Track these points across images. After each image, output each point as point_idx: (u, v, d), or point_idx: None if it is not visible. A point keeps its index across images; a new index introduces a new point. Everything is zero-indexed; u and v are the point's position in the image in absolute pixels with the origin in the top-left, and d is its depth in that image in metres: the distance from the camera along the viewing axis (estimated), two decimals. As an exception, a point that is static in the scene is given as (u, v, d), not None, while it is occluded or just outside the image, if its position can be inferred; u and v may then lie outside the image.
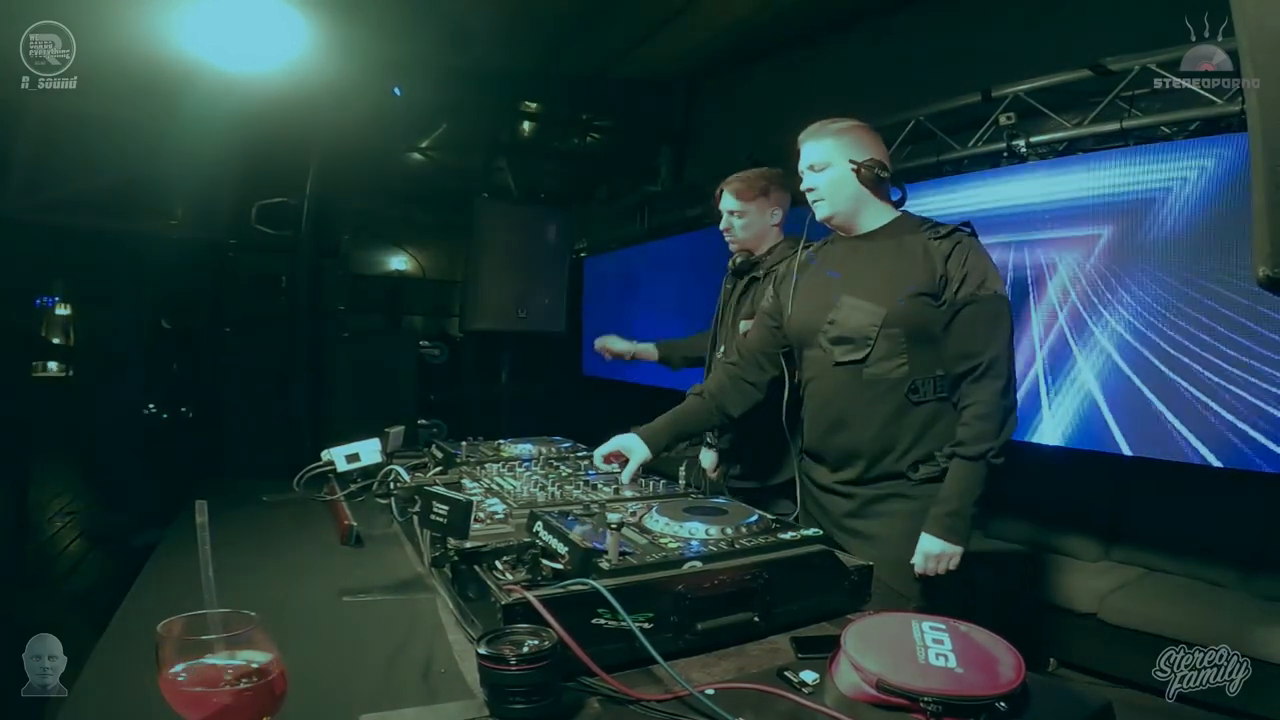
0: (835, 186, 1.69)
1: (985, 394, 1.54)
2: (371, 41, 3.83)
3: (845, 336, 1.64)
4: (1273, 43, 0.81)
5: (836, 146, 1.69)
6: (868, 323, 1.61)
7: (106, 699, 0.90)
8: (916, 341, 1.59)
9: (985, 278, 1.57)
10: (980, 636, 0.94)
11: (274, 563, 1.43)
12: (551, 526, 1.09)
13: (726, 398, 1.83)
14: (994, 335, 1.55)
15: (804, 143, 1.74)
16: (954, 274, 1.57)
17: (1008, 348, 1.57)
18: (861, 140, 1.70)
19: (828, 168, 1.69)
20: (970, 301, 1.55)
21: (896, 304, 1.59)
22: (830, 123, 1.73)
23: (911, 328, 1.59)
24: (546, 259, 5.20)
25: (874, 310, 1.61)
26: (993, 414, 1.54)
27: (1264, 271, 0.86)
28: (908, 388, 1.60)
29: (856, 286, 1.66)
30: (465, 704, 0.89)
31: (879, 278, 1.64)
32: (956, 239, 1.60)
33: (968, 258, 1.57)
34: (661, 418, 1.81)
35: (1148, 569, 3.22)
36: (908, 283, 1.60)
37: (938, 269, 1.58)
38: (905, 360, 1.60)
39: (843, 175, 1.68)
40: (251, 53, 2.90)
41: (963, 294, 1.56)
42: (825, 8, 4.27)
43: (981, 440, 1.54)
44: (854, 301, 1.64)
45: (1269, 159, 0.84)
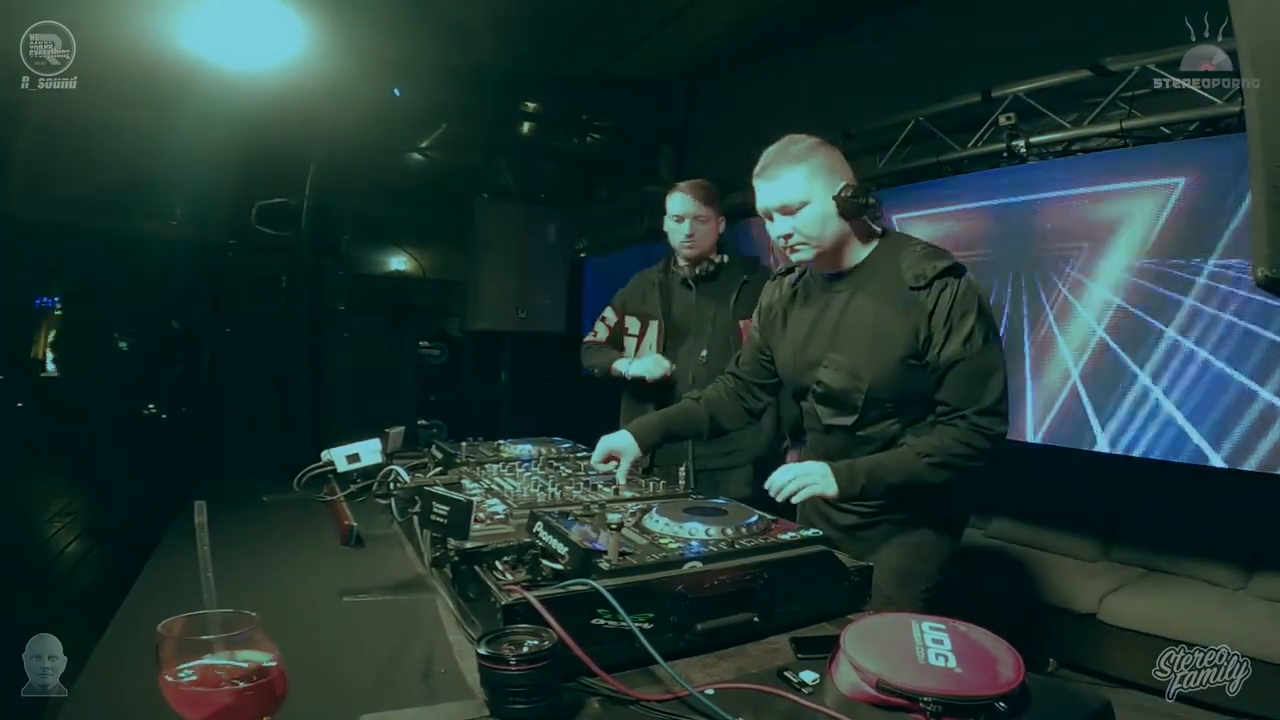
0: (820, 226, 1.49)
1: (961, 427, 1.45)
2: (371, 41, 3.83)
3: (832, 398, 1.56)
4: (1273, 43, 0.81)
5: (806, 178, 1.47)
6: (853, 388, 1.52)
7: (106, 699, 0.90)
8: (907, 403, 1.51)
9: (972, 331, 1.42)
10: (980, 636, 0.94)
11: (274, 563, 1.43)
12: (551, 527, 1.09)
13: (722, 410, 1.80)
14: (984, 390, 1.44)
15: (767, 179, 1.50)
16: (937, 331, 1.44)
17: (1000, 401, 1.46)
18: (830, 164, 1.50)
19: (805, 205, 1.48)
20: (957, 360, 1.43)
21: (881, 371, 1.48)
22: (790, 147, 1.50)
23: (899, 392, 1.50)
24: (546, 259, 5.20)
25: (858, 377, 1.51)
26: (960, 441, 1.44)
27: (1263, 272, 0.86)
28: (901, 441, 1.52)
29: (840, 343, 1.54)
30: (465, 704, 0.89)
31: (862, 336, 1.51)
32: (940, 288, 1.43)
33: (951, 310, 1.43)
34: (653, 415, 1.81)
35: (1147, 569, 3.23)
36: (892, 345, 1.47)
37: (921, 329, 1.44)
38: (895, 420, 1.52)
39: (825, 211, 1.48)
40: (251, 52, 2.90)
41: (948, 353, 1.43)
42: (825, 7, 4.27)
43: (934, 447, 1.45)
44: (839, 360, 1.54)
45: (1268, 159, 0.84)
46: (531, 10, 4.23)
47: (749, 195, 1.59)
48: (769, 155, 1.51)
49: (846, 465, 1.47)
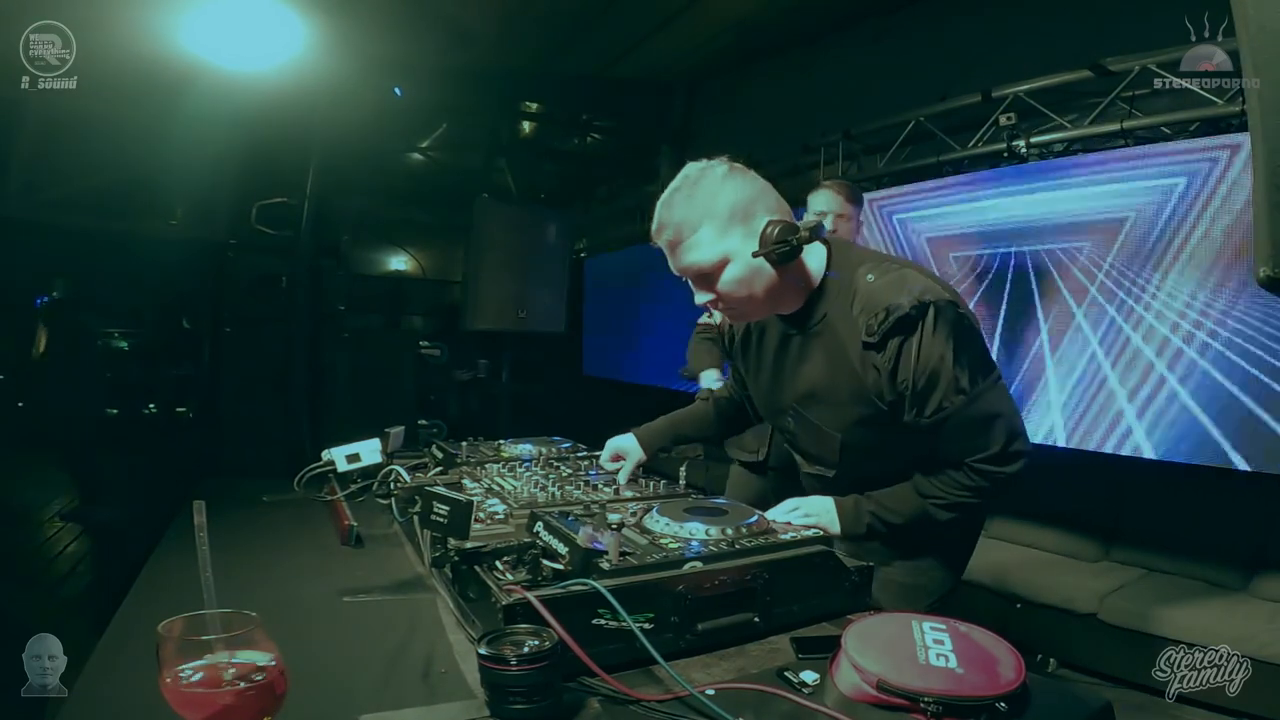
0: (747, 287, 1.23)
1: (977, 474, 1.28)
2: (371, 41, 3.83)
3: (807, 452, 1.46)
4: (1273, 43, 0.80)
5: (720, 231, 1.21)
6: (826, 447, 1.39)
7: (106, 699, 0.90)
8: (885, 453, 1.36)
9: (951, 383, 1.19)
10: (980, 637, 0.94)
11: (274, 563, 1.43)
12: (552, 527, 1.09)
13: (733, 414, 1.76)
14: (989, 437, 1.24)
15: (666, 240, 1.24)
16: (907, 396, 1.21)
17: (1009, 442, 1.25)
18: (743, 200, 1.21)
19: (726, 264, 1.22)
20: (945, 418, 1.22)
21: (850, 432, 1.33)
22: (690, 193, 1.22)
23: (872, 447, 1.35)
24: (546, 259, 5.21)
25: (829, 437, 1.37)
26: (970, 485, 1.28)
27: (1264, 272, 0.86)
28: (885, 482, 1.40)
29: (802, 398, 1.37)
30: (465, 704, 0.89)
31: (823, 395, 1.33)
32: (896, 346, 1.19)
33: (915, 371, 1.18)
34: (663, 418, 1.79)
35: (1148, 569, 3.23)
36: (855, 406, 1.29)
37: (885, 392, 1.23)
38: (876, 465, 1.38)
39: (745, 272, 1.22)
40: (251, 53, 2.91)
41: (930, 415, 1.22)
42: (825, 8, 4.27)
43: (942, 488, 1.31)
44: (805, 417, 1.39)
45: (1269, 159, 0.83)
46: (531, 10, 4.23)
47: None
48: (666, 210, 1.23)
49: (853, 502, 1.38)
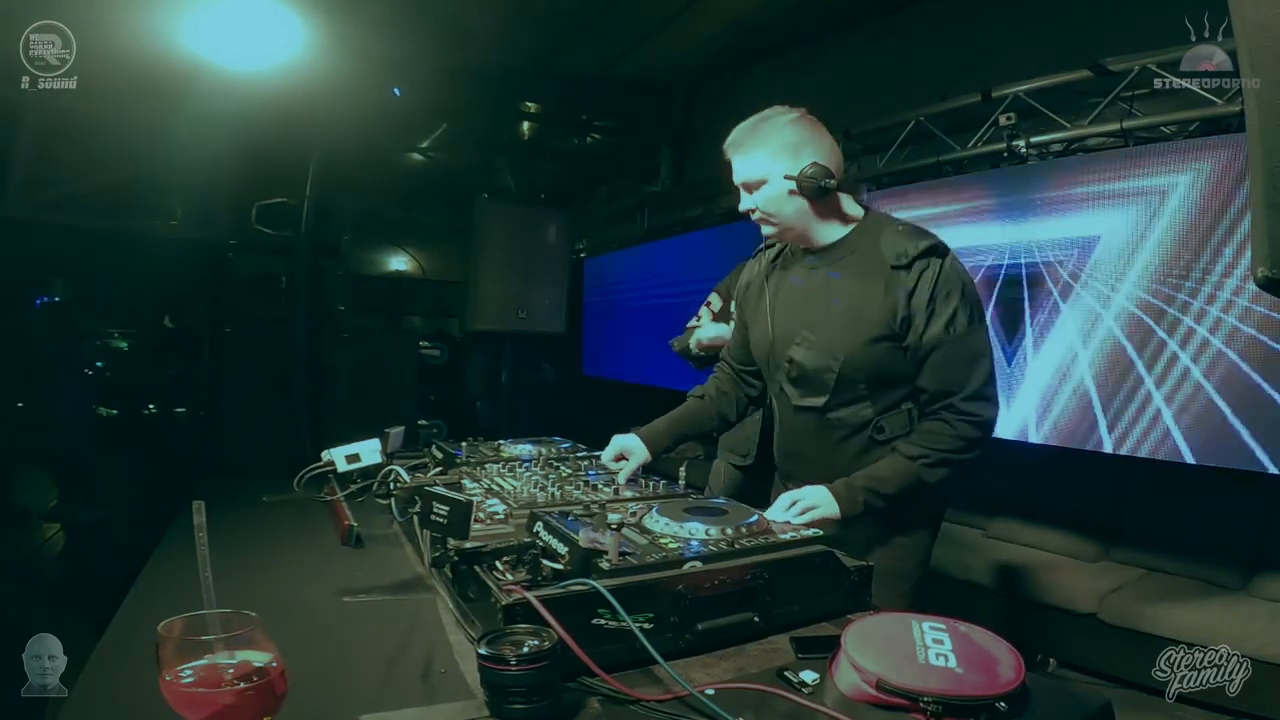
0: (775, 206, 1.48)
1: (948, 418, 1.41)
2: (371, 41, 3.83)
3: (803, 379, 1.53)
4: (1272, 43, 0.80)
5: (767, 158, 1.46)
6: (825, 367, 1.48)
7: (106, 699, 0.90)
8: (881, 385, 1.47)
9: (954, 313, 1.38)
10: (980, 636, 0.94)
11: (274, 563, 1.43)
12: (552, 527, 1.09)
13: (726, 402, 1.80)
14: (968, 376, 1.40)
15: (730, 154, 1.51)
16: (918, 313, 1.39)
17: (986, 386, 1.41)
18: (796, 144, 1.45)
19: (762, 185, 1.47)
20: (938, 345, 1.39)
21: (855, 349, 1.45)
22: (756, 125, 1.48)
23: (873, 373, 1.46)
24: (546, 259, 5.20)
25: (831, 356, 1.47)
26: (950, 435, 1.40)
27: (1262, 272, 0.86)
28: (873, 428, 1.49)
29: (815, 321, 1.51)
30: (465, 704, 0.89)
31: (838, 315, 1.47)
32: (921, 268, 1.39)
33: (934, 291, 1.38)
34: (662, 419, 1.80)
35: (1148, 569, 3.23)
36: (868, 325, 1.43)
37: (899, 309, 1.40)
38: (869, 404, 1.48)
39: (779, 194, 1.47)
40: (251, 53, 2.90)
41: (929, 336, 1.39)
42: (825, 7, 4.27)
43: (925, 446, 1.42)
44: (812, 339, 1.50)
45: (1268, 159, 0.83)
46: (531, 10, 4.23)
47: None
48: (738, 131, 1.50)
49: (844, 484, 1.43)
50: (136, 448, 4.67)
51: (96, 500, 4.30)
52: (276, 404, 4.46)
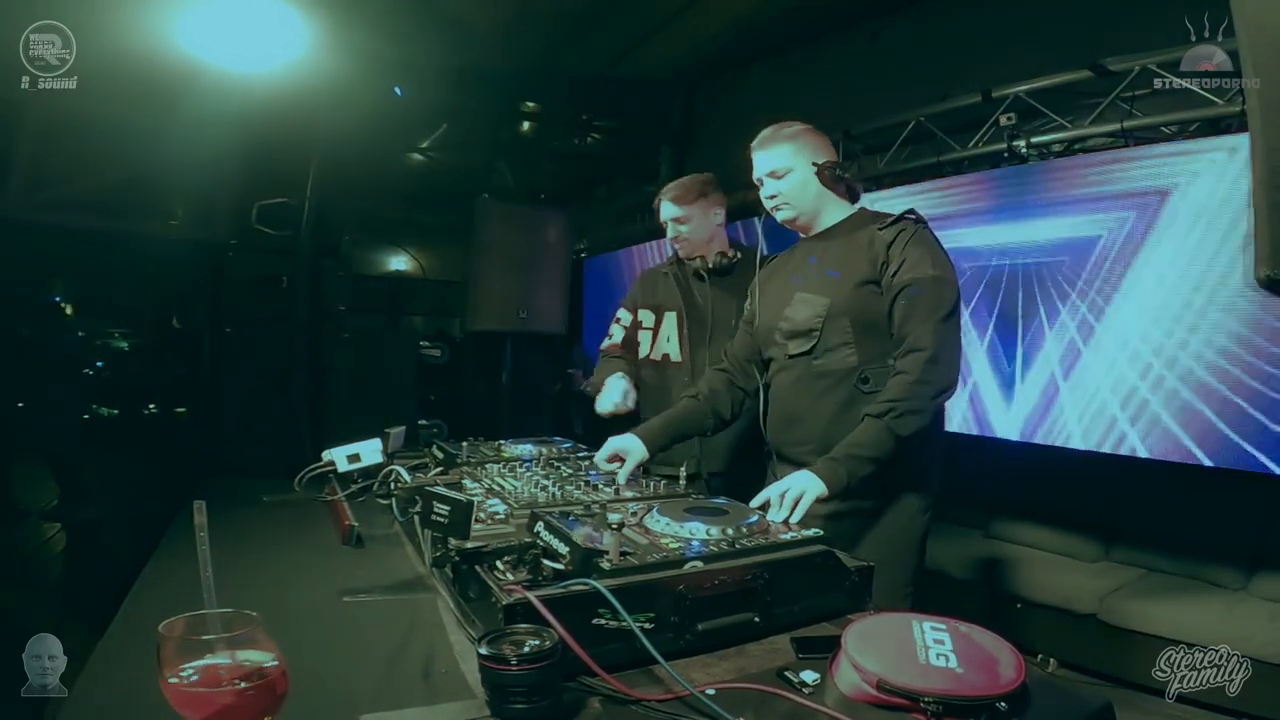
0: (798, 190, 1.74)
1: (908, 363, 1.54)
2: (371, 41, 3.83)
3: (796, 330, 1.70)
4: (1273, 43, 0.80)
5: (795, 151, 1.73)
6: (814, 314, 1.66)
7: (106, 699, 0.90)
8: (864, 330, 1.62)
9: (924, 260, 1.58)
10: (980, 636, 0.94)
11: (274, 563, 1.43)
12: (552, 527, 1.09)
13: (719, 401, 1.86)
14: (930, 316, 1.55)
15: (758, 151, 1.77)
16: (894, 259, 1.60)
17: (943, 328, 1.55)
18: (815, 143, 1.75)
19: (789, 173, 1.73)
20: (908, 284, 1.57)
21: (840, 294, 1.64)
22: (782, 128, 1.76)
23: (857, 316, 1.62)
24: (546, 259, 5.19)
25: (819, 302, 1.67)
26: (910, 382, 1.52)
27: (1264, 272, 0.86)
28: (858, 378, 1.63)
29: (809, 282, 1.72)
30: (466, 704, 0.89)
31: (828, 271, 1.69)
32: (901, 227, 1.63)
33: (909, 244, 1.60)
34: (657, 418, 1.82)
35: (1147, 569, 3.23)
36: (854, 273, 1.64)
37: (879, 256, 1.61)
38: (853, 350, 1.63)
39: (805, 178, 1.73)
40: (251, 53, 2.90)
41: (899, 278, 1.58)
42: (825, 8, 4.27)
43: (888, 400, 1.52)
44: (804, 296, 1.70)
45: (1269, 159, 0.83)
46: (531, 10, 4.23)
47: (748, 194, 1.76)
48: (765, 132, 1.77)
49: (824, 461, 1.50)
50: (137, 448, 4.66)
51: (97, 500, 4.30)
52: (276, 404, 4.45)
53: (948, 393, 1.56)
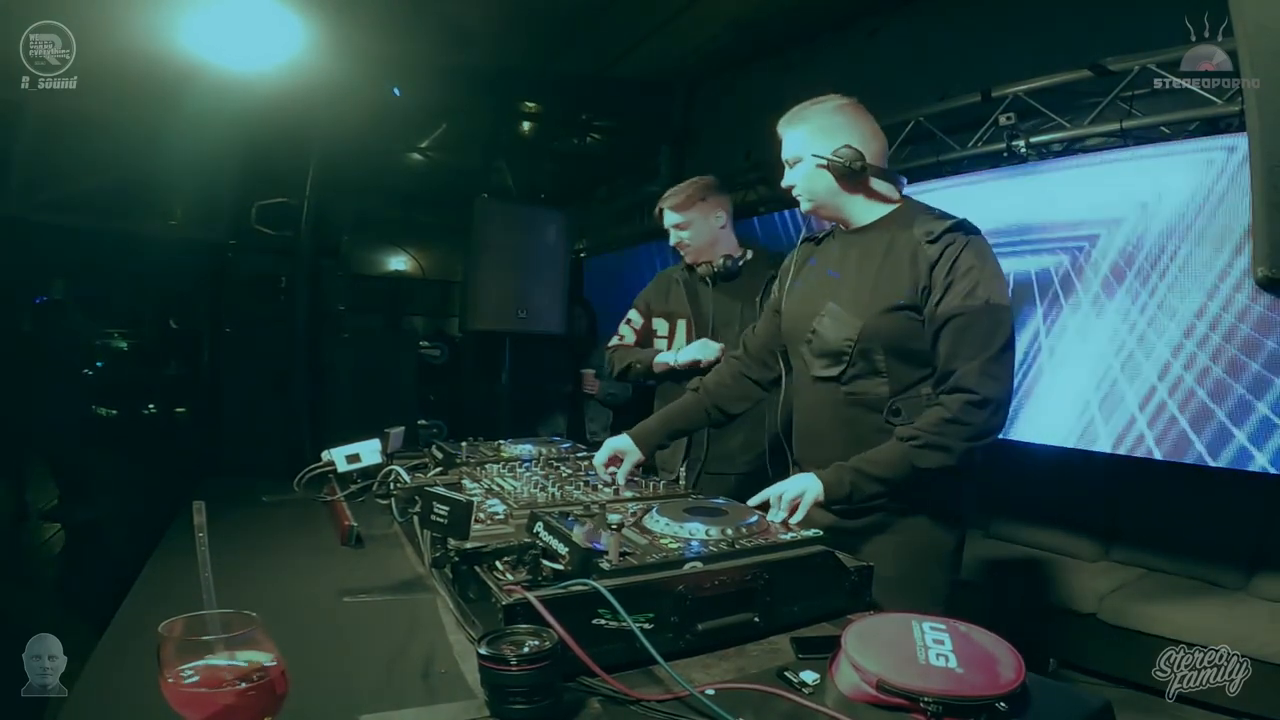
0: (808, 182, 1.56)
1: (950, 401, 1.38)
2: (371, 41, 3.83)
3: (824, 350, 1.54)
4: (1273, 43, 0.81)
5: (803, 137, 1.56)
6: (844, 336, 1.49)
7: (106, 699, 0.90)
8: (897, 359, 1.46)
9: (975, 286, 1.38)
10: (980, 637, 0.94)
11: (274, 563, 1.43)
12: (552, 527, 1.09)
13: (726, 394, 1.77)
14: (979, 353, 1.37)
15: (780, 132, 1.61)
16: (938, 284, 1.40)
17: (993, 368, 1.37)
18: (834, 127, 1.53)
19: (799, 162, 1.57)
20: (955, 314, 1.38)
21: (875, 317, 1.46)
22: (803, 108, 1.58)
23: (890, 344, 1.45)
24: (546, 259, 5.19)
25: (851, 323, 1.49)
26: (945, 419, 1.37)
27: (1262, 272, 0.86)
28: (888, 410, 1.47)
29: (842, 293, 1.54)
30: (465, 704, 0.89)
31: (863, 285, 1.50)
32: (947, 242, 1.42)
33: (955, 264, 1.40)
34: (654, 416, 1.80)
35: (1147, 569, 3.23)
36: (890, 294, 1.45)
37: (922, 279, 1.42)
38: (885, 380, 1.47)
39: (811, 171, 1.55)
40: (251, 53, 2.90)
41: (945, 307, 1.39)
42: (824, 7, 4.27)
43: (917, 428, 1.39)
44: (836, 310, 1.53)
45: (1267, 159, 0.84)
46: (531, 10, 4.23)
47: (748, 194, 1.65)
48: (789, 112, 1.60)
49: (833, 467, 1.42)
50: (136, 448, 4.67)
51: (96, 500, 4.30)
52: (276, 404, 4.45)
53: (988, 438, 1.39)
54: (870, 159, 1.52)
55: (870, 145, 1.54)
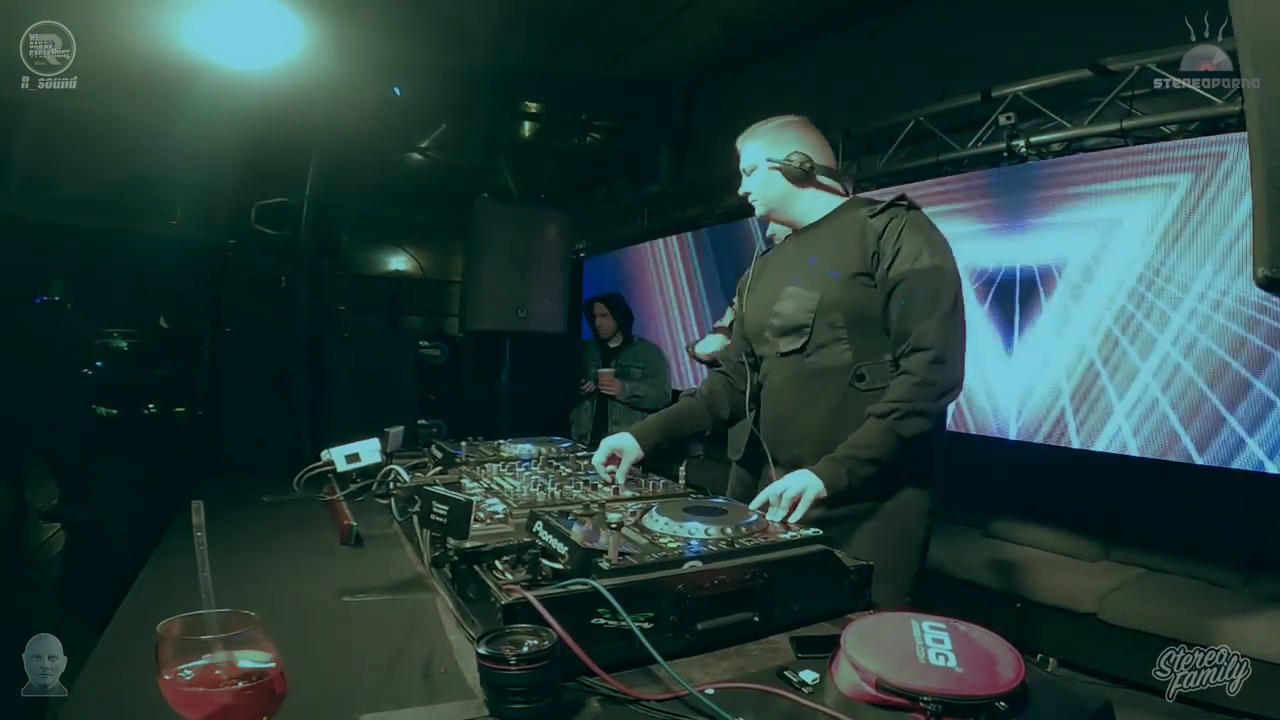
0: (762, 187, 1.70)
1: (912, 363, 1.48)
2: (371, 41, 3.83)
3: (786, 326, 1.63)
4: (1273, 43, 0.80)
5: (758, 148, 1.70)
6: (804, 309, 1.59)
7: (106, 699, 0.90)
8: (857, 325, 1.55)
9: (921, 251, 1.49)
10: (980, 636, 0.94)
11: (274, 563, 1.43)
12: (551, 526, 1.09)
13: (718, 401, 1.83)
14: (931, 312, 1.47)
15: (738, 147, 1.75)
16: (886, 251, 1.51)
17: (946, 324, 1.48)
18: (783, 137, 1.68)
19: (754, 170, 1.70)
20: (904, 278, 1.49)
21: (831, 288, 1.56)
22: (757, 125, 1.73)
23: (849, 310, 1.55)
24: (546, 259, 5.18)
25: (809, 297, 1.59)
26: (914, 383, 1.46)
27: (1263, 272, 0.86)
28: (853, 375, 1.55)
29: (798, 276, 1.64)
30: (465, 704, 0.89)
31: (819, 264, 1.61)
32: (891, 214, 1.55)
33: (901, 233, 1.51)
34: (654, 416, 1.83)
35: (1147, 569, 3.23)
36: (844, 265, 1.56)
37: (871, 246, 1.53)
38: (847, 346, 1.56)
39: (764, 176, 1.69)
40: (251, 52, 2.90)
41: (895, 270, 1.50)
42: (824, 7, 4.27)
43: (892, 401, 1.47)
44: (794, 290, 1.63)
45: (1268, 159, 0.83)
46: (531, 10, 4.23)
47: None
48: (745, 131, 1.75)
49: (824, 461, 1.45)
50: (136, 448, 4.67)
51: (96, 500, 4.30)
52: (276, 404, 4.45)
53: (953, 392, 1.50)
54: (819, 163, 1.66)
55: (819, 154, 1.68)
